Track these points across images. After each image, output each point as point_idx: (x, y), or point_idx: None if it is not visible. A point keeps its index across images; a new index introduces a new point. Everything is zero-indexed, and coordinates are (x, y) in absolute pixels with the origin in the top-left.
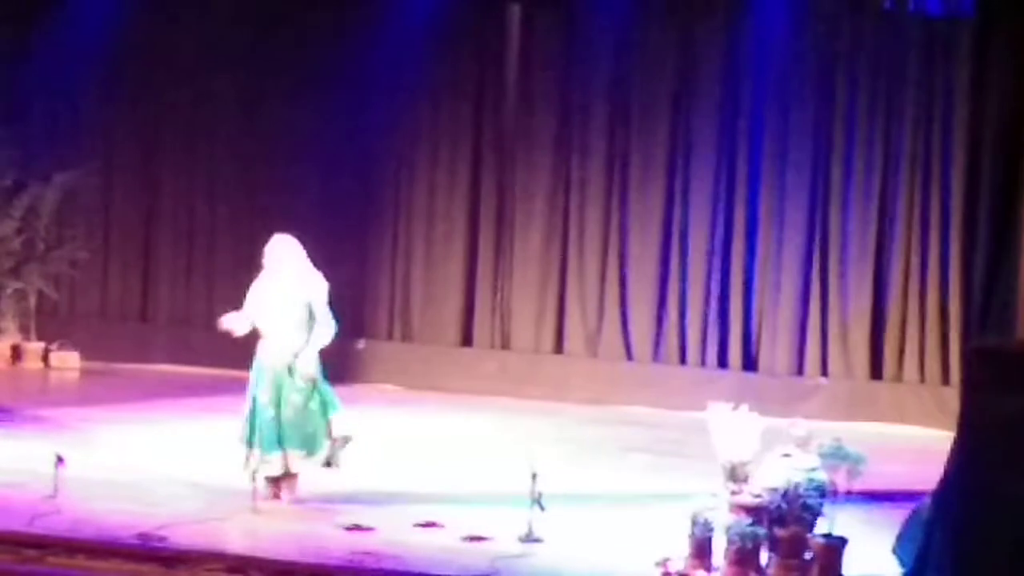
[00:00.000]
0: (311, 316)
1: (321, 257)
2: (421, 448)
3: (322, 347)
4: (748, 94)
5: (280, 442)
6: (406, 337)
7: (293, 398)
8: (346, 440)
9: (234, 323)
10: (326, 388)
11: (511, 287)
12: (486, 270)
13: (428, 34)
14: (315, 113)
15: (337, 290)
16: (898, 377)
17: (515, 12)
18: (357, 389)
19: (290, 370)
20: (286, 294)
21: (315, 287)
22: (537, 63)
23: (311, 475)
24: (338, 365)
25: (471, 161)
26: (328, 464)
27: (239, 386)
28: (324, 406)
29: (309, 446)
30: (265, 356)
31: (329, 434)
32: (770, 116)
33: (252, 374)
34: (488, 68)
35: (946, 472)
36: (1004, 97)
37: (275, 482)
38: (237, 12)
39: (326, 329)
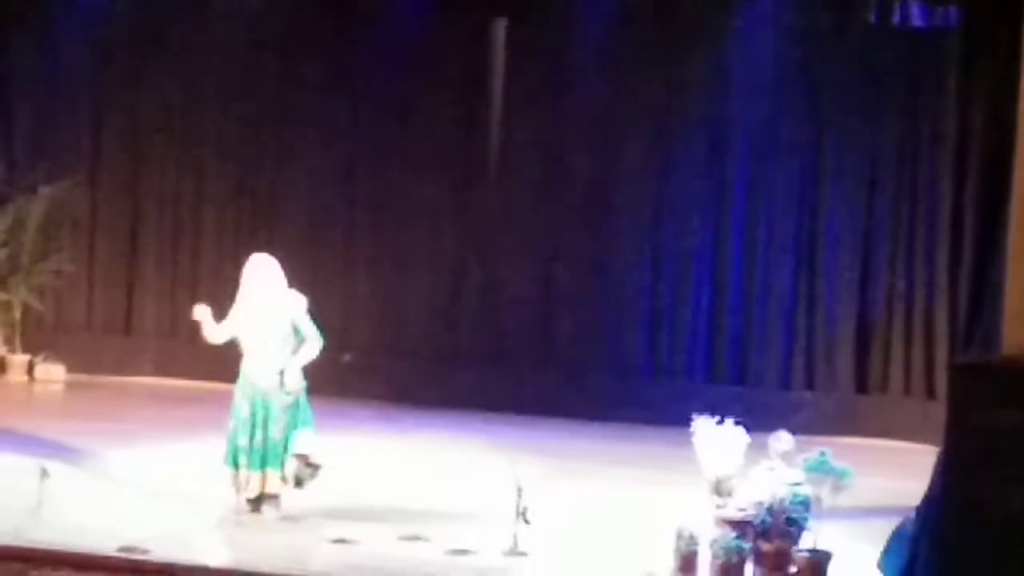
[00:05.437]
0: (296, 332)
1: (307, 269)
2: (406, 461)
3: (309, 360)
4: (734, 109)
5: (263, 463)
6: (392, 350)
7: (280, 418)
8: (306, 460)
9: (208, 321)
10: (306, 406)
11: (497, 300)
12: (472, 283)
13: (413, 52)
14: (300, 126)
15: (323, 303)
16: (884, 391)
17: (500, 27)
18: (342, 402)
19: (280, 383)
20: (268, 312)
21: (295, 304)
22: (522, 81)
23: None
24: (323, 378)
25: (457, 174)
26: (298, 484)
27: (225, 399)
28: (296, 421)
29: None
30: (250, 374)
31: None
32: (756, 130)
33: (236, 392)
34: (473, 83)
35: (931, 486)
36: (990, 110)
37: (256, 500)
38: (225, 28)
39: (314, 343)
